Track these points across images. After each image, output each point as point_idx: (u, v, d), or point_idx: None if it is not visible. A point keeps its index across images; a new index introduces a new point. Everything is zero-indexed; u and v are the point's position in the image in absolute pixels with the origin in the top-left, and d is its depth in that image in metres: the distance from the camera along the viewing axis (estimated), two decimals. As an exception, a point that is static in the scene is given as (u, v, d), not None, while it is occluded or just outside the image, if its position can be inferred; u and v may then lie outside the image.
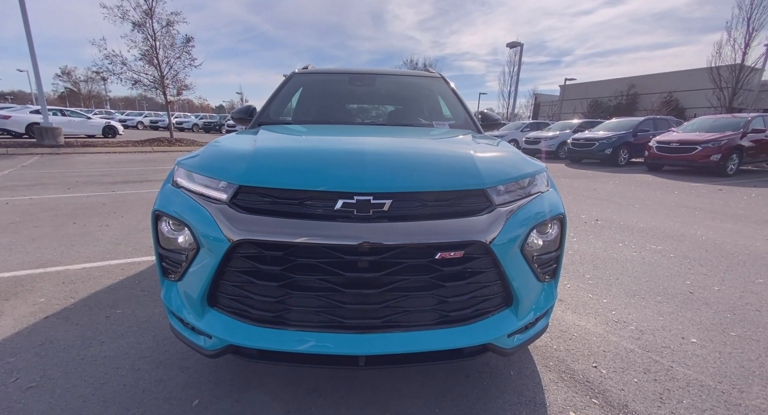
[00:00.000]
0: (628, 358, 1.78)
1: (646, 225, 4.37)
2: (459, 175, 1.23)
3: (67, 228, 3.67)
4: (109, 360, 1.63)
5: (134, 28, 11.79)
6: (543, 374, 1.65)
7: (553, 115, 34.35)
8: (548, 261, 1.39)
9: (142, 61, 12.19)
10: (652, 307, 2.31)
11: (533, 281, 1.34)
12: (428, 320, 1.19)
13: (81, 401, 1.38)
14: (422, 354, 1.19)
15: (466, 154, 1.38)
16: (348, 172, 1.16)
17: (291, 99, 2.51)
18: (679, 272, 2.91)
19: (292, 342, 1.13)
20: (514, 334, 1.30)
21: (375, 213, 1.10)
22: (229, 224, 1.11)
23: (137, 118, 30.01)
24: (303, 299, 1.14)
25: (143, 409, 1.34)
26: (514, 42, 21.29)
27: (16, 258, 2.82)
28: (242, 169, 1.19)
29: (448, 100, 2.56)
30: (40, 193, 5.32)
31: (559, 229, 1.40)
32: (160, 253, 1.30)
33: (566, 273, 2.83)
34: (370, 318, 1.15)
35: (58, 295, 2.25)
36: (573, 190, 6.97)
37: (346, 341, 1.13)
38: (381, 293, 1.13)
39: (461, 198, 1.20)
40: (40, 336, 1.81)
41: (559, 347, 1.86)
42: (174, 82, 12.94)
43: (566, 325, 2.08)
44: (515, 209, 1.26)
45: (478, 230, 1.15)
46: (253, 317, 1.16)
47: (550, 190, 1.45)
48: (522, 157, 1.55)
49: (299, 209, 1.13)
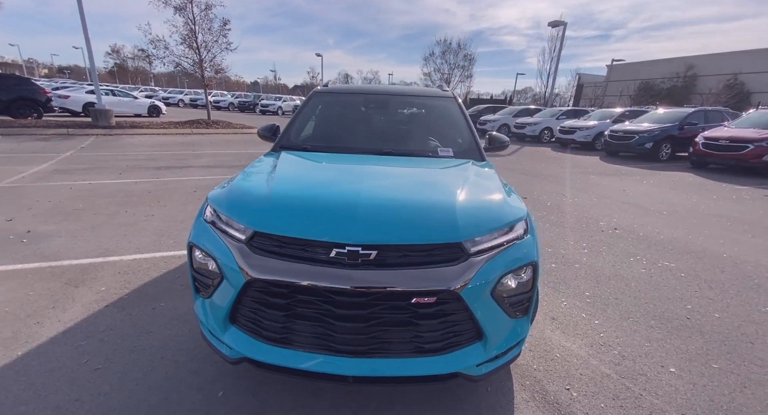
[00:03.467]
0: (602, 383, 1.94)
1: (668, 237, 4.30)
2: (438, 230, 1.42)
3: (119, 217, 4.17)
4: (155, 350, 2.01)
5: (176, 12, 12.30)
6: (517, 393, 1.85)
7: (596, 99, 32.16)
8: (520, 301, 1.57)
9: (183, 45, 12.76)
10: (642, 331, 2.41)
11: (504, 318, 1.52)
12: (405, 350, 1.43)
13: (134, 384, 1.76)
14: (402, 378, 1.42)
15: (449, 206, 1.54)
16: (342, 225, 1.39)
17: (311, 118, 2.72)
18: (683, 294, 2.94)
19: (294, 360, 1.41)
20: (483, 363, 1.51)
21: (362, 261, 1.33)
22: (246, 263, 1.38)
23: (178, 97, 31.47)
24: (303, 326, 1.41)
25: (180, 396, 1.70)
26: (557, 21, 19.96)
27: (81, 247, 3.32)
28: (258, 216, 1.45)
29: (456, 122, 2.67)
30: (97, 178, 5.94)
31: (531, 273, 1.56)
32: (194, 275, 1.61)
33: (566, 289, 2.95)
34: (356, 345, 1.39)
35: (115, 285, 2.68)
36: (599, 190, 6.80)
37: (337, 363, 1.39)
38: (365, 327, 1.37)
39: (438, 249, 1.39)
40: (103, 323, 2.22)
41: (539, 367, 2.05)
42: (211, 66, 13.48)
43: (552, 345, 2.25)
44: (488, 258, 1.43)
45: (450, 279, 1.34)
46: (264, 337, 1.44)
47: (527, 238, 1.60)
48: (506, 204, 1.68)
49: (302, 253, 1.37)
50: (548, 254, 3.67)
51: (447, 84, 26.48)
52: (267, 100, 29.45)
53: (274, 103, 28.60)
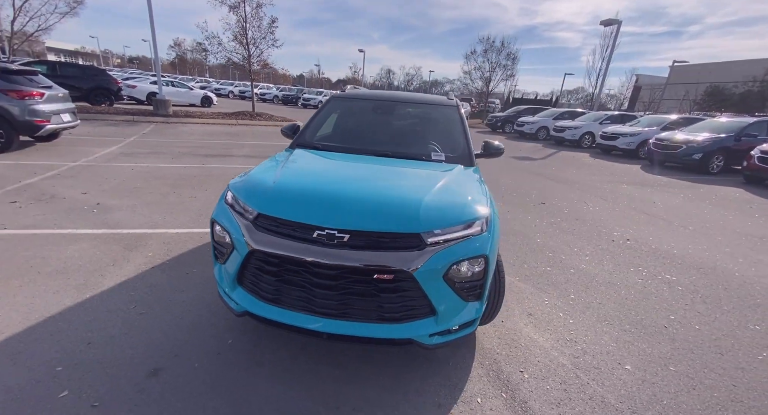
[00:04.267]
0: (555, 370, 2.17)
1: (682, 252, 4.26)
2: (401, 222, 1.74)
3: (169, 197, 4.85)
4: (186, 305, 2.50)
5: (230, 10, 13.29)
6: (474, 369, 2.14)
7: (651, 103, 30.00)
8: (473, 287, 1.86)
9: (234, 41, 13.77)
10: (613, 334, 2.58)
11: (456, 299, 1.82)
12: (370, 317, 1.77)
13: (168, 327, 2.25)
14: (365, 338, 1.77)
15: (415, 203, 1.85)
16: (325, 212, 1.75)
17: (326, 120, 3.11)
18: (672, 305, 3.02)
19: (283, 316, 1.80)
20: (435, 335, 1.82)
21: (337, 242, 1.69)
22: (250, 237, 1.78)
23: (229, 88, 33.53)
24: (290, 290, 1.79)
25: (200, 340, 2.16)
26: (610, 19, 18.89)
27: (138, 219, 3.97)
28: (263, 201, 1.85)
29: (454, 130, 2.93)
30: (155, 162, 6.78)
31: (484, 265, 1.84)
32: (214, 245, 2.05)
33: (553, 291, 3.13)
34: (330, 309, 1.76)
35: (160, 252, 3.25)
36: (626, 200, 6.66)
37: (315, 321, 1.77)
38: (337, 295, 1.73)
39: (400, 237, 1.72)
40: (148, 280, 2.77)
41: (501, 352, 2.31)
42: (258, 61, 14.41)
43: (520, 336, 2.48)
44: (443, 248, 1.73)
45: (406, 262, 1.66)
46: (261, 296, 1.85)
47: (484, 234, 1.87)
48: (469, 204, 1.96)
49: (292, 232, 1.75)
50: (546, 258, 3.83)
51: (487, 83, 25.99)
52: (308, 94, 30.58)
53: (315, 97, 29.66)
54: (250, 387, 1.85)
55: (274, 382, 1.90)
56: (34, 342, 2.02)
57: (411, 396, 1.89)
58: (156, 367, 1.92)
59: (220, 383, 1.85)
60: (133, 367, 1.90)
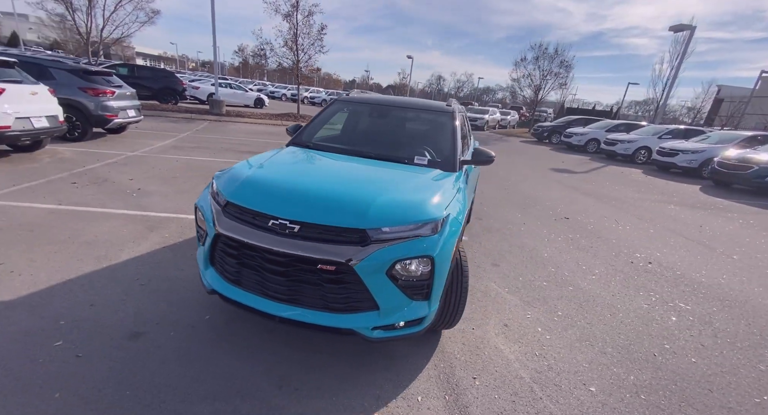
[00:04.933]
0: (510, 382, 2.13)
1: (712, 281, 3.86)
2: (348, 217, 1.84)
3: (199, 187, 5.33)
4: (181, 281, 2.79)
5: (284, 19, 14.21)
6: (427, 369, 2.16)
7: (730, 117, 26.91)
8: (418, 287, 1.90)
9: (284, 47, 14.69)
10: (589, 355, 2.45)
11: (400, 297, 1.88)
12: (317, 305, 1.89)
13: (159, 298, 2.54)
14: (311, 324, 1.89)
15: (367, 201, 1.93)
16: (280, 204, 1.90)
17: (326, 121, 3.29)
18: (672, 335, 2.78)
19: (243, 297, 1.97)
20: (378, 329, 1.89)
21: (288, 232, 1.83)
22: (218, 221, 1.99)
23: (282, 91, 35.56)
24: (249, 273, 1.96)
25: (182, 312, 2.41)
26: (682, 25, 17.30)
27: (166, 205, 4.44)
28: (232, 192, 2.05)
29: (444, 136, 2.95)
30: (197, 156, 7.47)
31: (430, 266, 1.88)
32: (197, 228, 2.29)
33: (540, 305, 3.02)
34: (280, 293, 1.90)
35: (174, 234, 3.63)
36: (668, 222, 6.12)
37: (269, 305, 1.92)
38: (287, 281, 1.87)
39: (346, 232, 1.82)
40: (157, 258, 3.12)
41: (461, 357, 2.30)
42: (306, 66, 15.21)
43: (486, 345, 2.45)
44: (387, 245, 1.81)
45: (348, 255, 1.76)
46: (226, 277, 2.04)
47: (433, 236, 1.91)
48: (424, 206, 2.00)
49: (252, 220, 1.92)
50: (547, 273, 3.68)
51: (536, 92, 24.94)
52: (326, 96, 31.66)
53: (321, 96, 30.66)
54: (210, 359, 2.05)
55: (234, 357, 2.08)
56: (51, 298, 2.40)
57: (354, 385, 1.97)
58: (138, 331, 2.19)
59: (186, 352, 2.07)
60: (120, 329, 2.19)
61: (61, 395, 1.69)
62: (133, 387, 1.79)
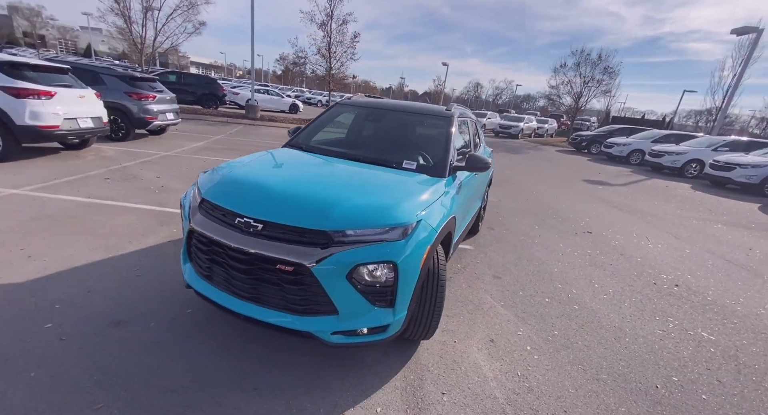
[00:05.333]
0: (482, 401, 1.99)
1: (748, 311, 3.45)
2: (311, 218, 1.82)
3: (219, 186, 5.58)
4: (175, 275, 2.89)
5: (318, 28, 14.70)
6: (396, 380, 2.08)
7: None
8: (382, 292, 1.85)
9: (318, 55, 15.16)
10: (579, 380, 2.24)
11: (361, 302, 1.82)
12: (278, 305, 1.88)
13: (150, 289, 2.66)
14: (270, 324, 1.88)
15: (332, 203, 1.90)
16: (247, 202, 1.93)
17: (326, 124, 3.32)
18: (684, 367, 2.49)
19: (211, 293, 2.01)
20: (338, 334, 1.85)
21: (252, 230, 1.84)
22: (193, 218, 2.05)
23: (318, 98, 36.66)
24: (218, 269, 2.00)
25: (167, 304, 2.50)
26: (746, 27, 15.82)
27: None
28: (208, 189, 2.11)
29: (439, 140, 2.86)
30: (226, 157, 7.84)
31: (393, 271, 1.81)
32: (183, 224, 2.38)
33: (536, 322, 2.83)
34: (243, 291, 1.92)
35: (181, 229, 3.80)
36: (709, 243, 5.56)
37: (234, 302, 1.94)
38: (249, 279, 1.88)
39: (308, 233, 1.80)
40: (160, 251, 3.28)
41: (434, 370, 2.20)
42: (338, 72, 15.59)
43: (465, 360, 2.32)
44: (349, 248, 1.77)
45: (307, 256, 1.74)
46: (199, 272, 2.10)
47: (400, 241, 1.84)
48: (395, 210, 1.94)
49: (221, 217, 1.97)
50: (553, 289, 3.45)
51: (577, 100, 23.77)
52: None
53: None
54: (181, 351, 2.10)
55: (204, 351, 2.13)
56: (55, 283, 2.59)
57: (315, 390, 1.94)
58: (122, 319, 2.30)
59: (159, 343, 2.14)
60: (106, 316, 2.31)
61: (36, 374, 1.80)
62: (102, 372, 1.87)
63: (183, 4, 14.47)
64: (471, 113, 4.12)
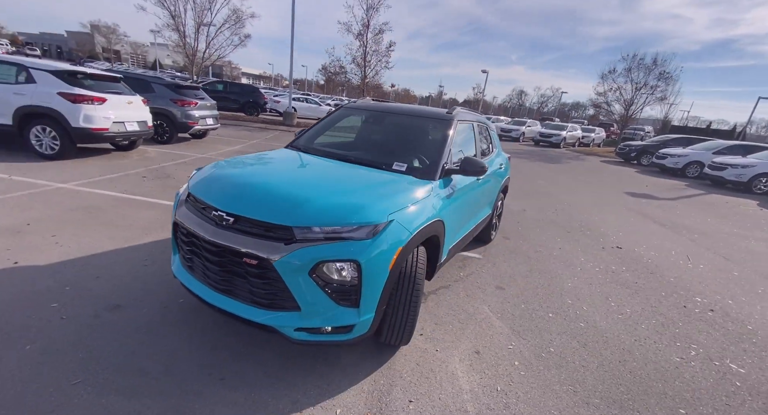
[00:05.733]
0: (450, 413, 1.89)
1: (796, 341, 2.99)
2: (277, 213, 1.84)
3: (242, 187, 5.86)
4: (179, 265, 3.07)
5: (355, 38, 15.12)
6: (364, 383, 2.03)
7: None
8: (346, 291, 1.83)
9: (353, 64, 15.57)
10: (565, 403, 2.05)
11: (325, 300, 1.81)
12: (245, 298, 1.92)
13: (152, 279, 2.82)
14: (237, 316, 1.92)
15: (300, 200, 1.91)
16: (222, 197, 2.00)
17: (329, 126, 3.37)
18: (698, 400, 2.20)
19: (191, 283, 2.10)
20: (302, 330, 1.85)
21: (225, 223, 1.91)
22: (178, 211, 2.16)
23: (359, 105, 37.56)
24: (197, 261, 2.08)
25: (163, 293, 2.64)
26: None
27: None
28: (194, 184, 2.22)
29: (433, 144, 2.79)
30: (254, 160, 8.23)
31: (356, 270, 1.78)
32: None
33: (532, 338, 2.65)
34: (217, 283, 1.98)
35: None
36: (764, 264, 4.92)
37: (207, 292, 2.01)
38: (221, 271, 1.94)
39: (274, 228, 1.83)
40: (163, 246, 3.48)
41: (406, 377, 2.12)
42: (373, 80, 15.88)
43: (443, 369, 2.22)
44: (312, 245, 1.77)
45: (270, 250, 1.77)
46: (183, 263, 2.20)
47: (366, 240, 1.81)
48: (365, 210, 1.91)
49: (201, 210, 2.05)
50: (561, 304, 3.22)
51: (627, 107, 22.22)
52: None
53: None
54: (162, 337, 2.20)
55: (184, 338, 2.22)
56: (72, 267, 2.84)
57: (278, 385, 1.94)
58: (119, 304, 2.46)
59: (147, 329, 2.26)
60: (106, 300, 2.49)
61: (31, 348, 1.98)
62: (87, 351, 2.01)
63: (231, 19, 15.55)
64: (482, 117, 4.00)
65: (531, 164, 13.36)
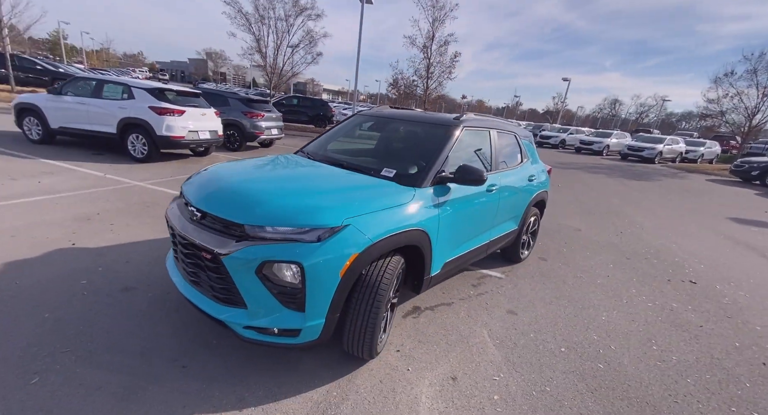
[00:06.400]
0: (391, 443, 1.71)
1: None
2: (233, 211, 1.89)
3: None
4: (197, 258, 3.35)
5: (420, 50, 15.24)
6: (317, 392, 1.97)
7: None
8: (291, 294, 1.80)
9: (415, 76, 15.68)
10: (542, 456, 1.72)
11: (271, 300, 1.81)
12: (206, 291, 2.01)
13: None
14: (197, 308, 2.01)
15: (256, 200, 1.93)
16: (198, 193, 2.13)
17: (341, 133, 3.41)
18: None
19: (173, 272, 2.28)
20: (251, 329, 1.86)
21: (195, 218, 2.03)
22: (170, 206, 2.37)
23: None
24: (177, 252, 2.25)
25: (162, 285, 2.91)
26: None
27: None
28: (185, 182, 2.41)
29: (435, 151, 2.59)
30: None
31: (300, 272, 1.75)
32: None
33: (529, 372, 2.29)
34: (187, 274, 2.11)
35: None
36: None
37: (181, 283, 2.16)
38: (189, 263, 2.06)
39: (228, 225, 1.89)
40: (201, 238, 3.83)
41: (362, 394, 1.99)
42: (435, 91, 15.79)
43: (407, 392, 2.03)
44: (260, 244, 1.78)
45: (221, 246, 1.82)
46: (174, 255, 2.40)
47: (314, 243, 1.77)
48: (320, 212, 1.86)
49: (183, 206, 2.22)
50: (583, 340, 2.75)
51: (750, 117, 18.43)
52: None
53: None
54: (153, 321, 2.41)
55: (170, 324, 2.39)
56: (113, 251, 3.28)
57: (233, 382, 1.98)
58: (132, 286, 2.77)
59: (145, 312, 2.50)
60: (123, 282, 2.81)
61: (48, 316, 2.32)
62: (88, 325, 2.28)
63: (305, 39, 16.98)
64: (509, 125, 3.69)
65: (608, 180, 11.87)
